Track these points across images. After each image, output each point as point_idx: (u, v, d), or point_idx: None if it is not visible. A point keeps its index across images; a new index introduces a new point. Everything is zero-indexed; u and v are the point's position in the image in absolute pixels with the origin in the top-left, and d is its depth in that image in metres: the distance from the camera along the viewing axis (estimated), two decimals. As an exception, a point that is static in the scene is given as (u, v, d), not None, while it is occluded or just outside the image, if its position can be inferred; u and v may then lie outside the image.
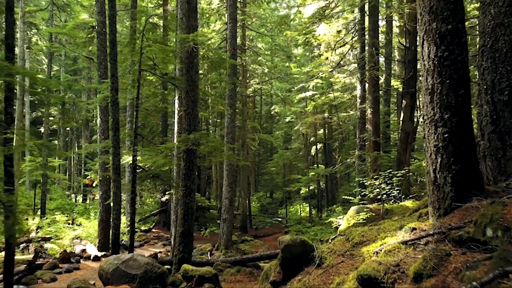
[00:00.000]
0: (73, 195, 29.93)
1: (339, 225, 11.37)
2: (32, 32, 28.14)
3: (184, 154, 8.31)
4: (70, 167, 34.02)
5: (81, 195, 29.33)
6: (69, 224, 19.93)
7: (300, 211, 28.20)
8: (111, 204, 9.55)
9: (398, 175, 9.96)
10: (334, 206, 26.35)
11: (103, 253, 13.07)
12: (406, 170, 10.57)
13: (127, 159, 11.34)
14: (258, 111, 39.62)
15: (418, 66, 14.53)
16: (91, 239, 14.58)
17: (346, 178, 24.80)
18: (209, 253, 14.65)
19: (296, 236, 5.68)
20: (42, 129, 37.59)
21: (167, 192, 13.23)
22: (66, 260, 11.83)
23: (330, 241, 6.07)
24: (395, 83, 20.56)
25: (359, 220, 4.90)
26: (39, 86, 12.10)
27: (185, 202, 8.24)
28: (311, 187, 26.12)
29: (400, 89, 22.31)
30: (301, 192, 27.72)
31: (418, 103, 17.26)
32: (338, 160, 25.49)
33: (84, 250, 13.00)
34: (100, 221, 13.62)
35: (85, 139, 30.68)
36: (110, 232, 13.87)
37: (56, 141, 35.11)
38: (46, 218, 19.23)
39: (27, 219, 20.00)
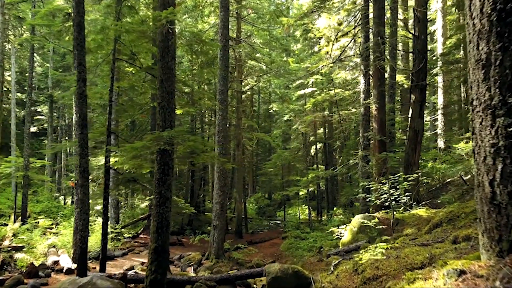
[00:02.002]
0: (61, 197, 28.61)
1: (341, 235, 10.05)
2: (22, 27, 26.84)
3: (157, 156, 6.98)
4: (61, 168, 32.71)
5: (70, 197, 28.00)
6: (52, 228, 18.63)
7: (299, 213, 26.89)
8: (77, 212, 8.19)
9: (410, 179, 8.62)
10: (335, 208, 25.00)
11: (76, 265, 11.71)
12: (419, 174, 9.24)
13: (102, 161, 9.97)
14: (256, 110, 38.33)
15: (428, 57, 13.25)
16: (68, 248, 13.24)
17: (347, 179, 23.44)
18: (196, 264, 13.32)
19: (288, 266, 4.36)
20: (32, 128, 36.30)
21: (147, 198, 11.89)
22: (33, 274, 10.47)
23: (332, 269, 4.72)
24: (399, 78, 19.20)
25: (376, 254, 3.61)
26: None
27: (158, 213, 6.92)
28: (310, 189, 24.85)
29: (406, 85, 21.01)
30: (300, 194, 26.44)
31: (427, 98, 15.95)
32: (339, 161, 24.15)
33: (56, 262, 11.64)
34: (76, 229, 12.28)
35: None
36: (87, 242, 12.69)
37: (45, 141, 33.86)
38: (27, 223, 17.93)
39: (6, 225, 18.71)
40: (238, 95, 21.46)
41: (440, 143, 21.73)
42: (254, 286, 8.89)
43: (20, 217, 19.15)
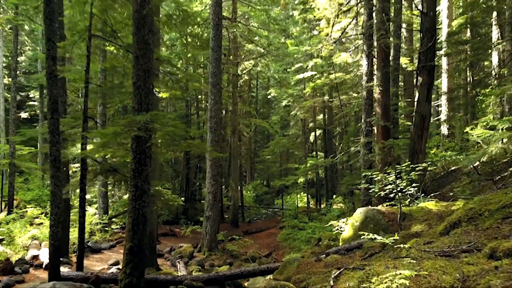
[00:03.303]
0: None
1: (341, 229, 9.23)
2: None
3: (132, 143, 6.11)
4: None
5: (62, 185, 27.14)
6: (40, 218, 17.85)
7: (297, 201, 26.10)
8: (51, 205, 7.37)
9: (418, 168, 7.75)
10: (334, 197, 24.25)
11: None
12: (428, 163, 8.37)
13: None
14: (254, 96, 37.31)
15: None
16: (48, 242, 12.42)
17: (348, 168, 22.59)
18: (188, 257, 12.58)
19: (276, 283, 3.53)
20: (23, 114, 35.26)
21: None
22: (8, 270, 9.67)
23: (332, 283, 3.87)
24: (403, 61, 18.17)
25: None
26: None
27: (134, 208, 6.08)
28: (309, 176, 24.03)
29: (410, 67, 20.01)
30: (299, 181, 25.63)
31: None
32: (339, 148, 23.29)
33: (36, 257, 10.86)
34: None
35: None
36: (69, 234, 11.90)
37: (38, 127, 32.88)
38: (12, 213, 17.14)
39: (-10, 215, 17.93)
40: (234, 79, 20.47)
41: (444, 130, 20.84)
42: (246, 285, 8.11)
43: (6, 207, 18.36)
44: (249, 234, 18.26)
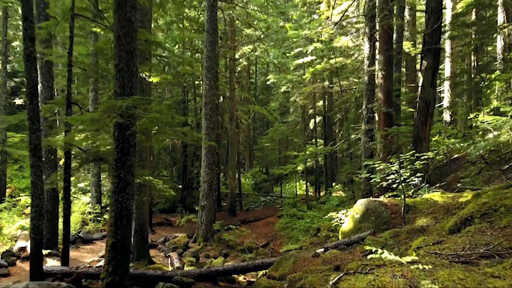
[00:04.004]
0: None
1: (341, 222, 8.82)
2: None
3: (115, 131, 5.61)
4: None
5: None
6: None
7: (296, 189, 25.73)
8: (32, 197, 6.92)
9: (423, 157, 7.26)
10: (334, 184, 23.85)
11: (47, 251, 10.57)
12: (434, 151, 7.88)
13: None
14: (253, 82, 36.61)
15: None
16: (37, 232, 12.00)
17: (348, 155, 22.11)
18: (182, 248, 12.19)
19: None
20: (18, 101, 34.65)
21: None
22: (-7, 263, 9.32)
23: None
24: (406, 45, 17.51)
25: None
26: None
27: (117, 201, 5.61)
28: (308, 164, 23.61)
29: (412, 52, 19.36)
30: (298, 168, 25.18)
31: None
32: (339, 135, 22.80)
33: (23, 248, 10.47)
34: (45, 211, 11.04)
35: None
36: (58, 225, 11.48)
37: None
38: (4, 201, 16.72)
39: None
40: (231, 64, 19.84)
41: (446, 116, 20.30)
42: (240, 280, 7.70)
43: (-2, 195, 17.94)
44: (247, 223, 17.89)
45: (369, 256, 5.19)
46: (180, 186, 25.27)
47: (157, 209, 20.97)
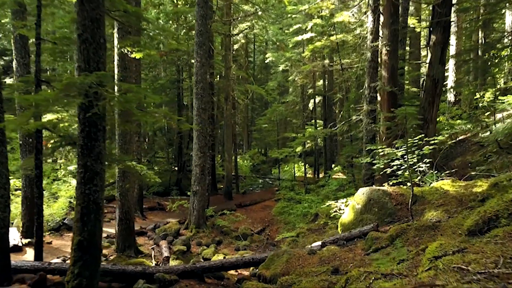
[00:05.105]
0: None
1: (341, 211, 8.14)
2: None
3: (79, 113, 4.84)
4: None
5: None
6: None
7: (294, 171, 25.08)
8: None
9: (432, 142, 6.49)
10: (333, 166, 23.17)
11: (27, 240, 9.96)
12: (445, 136, 7.12)
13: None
14: (251, 61, 35.50)
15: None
16: (18, 220, 11.37)
17: (348, 137, 21.34)
18: (173, 236, 11.56)
19: None
20: (8, 80, 33.67)
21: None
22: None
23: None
24: (411, 21, 16.49)
25: None
26: None
27: (83, 194, 4.89)
28: (307, 145, 22.86)
29: (418, 28, 18.35)
30: (297, 150, 24.46)
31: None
32: (339, 116, 21.98)
33: (1, 238, 9.80)
34: (24, 198, 10.43)
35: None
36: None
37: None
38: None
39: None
40: (226, 40, 18.83)
41: (450, 96, 19.44)
42: (230, 276, 7.05)
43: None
44: (243, 207, 17.29)
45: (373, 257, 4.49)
46: (176, 168, 24.61)
47: (151, 192, 20.34)
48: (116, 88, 5.03)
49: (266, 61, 34.10)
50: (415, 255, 3.88)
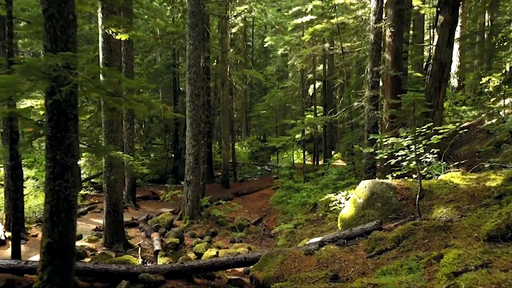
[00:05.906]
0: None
1: (341, 205, 7.63)
2: None
3: (46, 100, 4.28)
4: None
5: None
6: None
7: (294, 157, 24.57)
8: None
9: (441, 131, 5.93)
10: (333, 153, 22.67)
11: (10, 234, 9.45)
12: (456, 124, 6.57)
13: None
14: (250, 45, 34.63)
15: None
16: (2, 212, 10.88)
17: (349, 123, 20.76)
18: (166, 227, 11.10)
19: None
20: None
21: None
22: None
23: None
24: (415, 1, 15.73)
25: None
26: None
27: (52, 190, 4.37)
28: (307, 132, 22.31)
29: (423, 10, 17.63)
30: (296, 137, 23.88)
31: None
32: (339, 102, 21.35)
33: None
34: (6, 189, 9.86)
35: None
36: (24, 203, 10.31)
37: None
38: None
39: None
40: (223, 23, 18.08)
41: (454, 81, 18.80)
42: (222, 275, 6.59)
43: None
44: (240, 196, 16.83)
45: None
46: (173, 155, 24.11)
47: (146, 180, 19.84)
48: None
49: (265, 45, 33.22)
50: (427, 264, 3.37)
